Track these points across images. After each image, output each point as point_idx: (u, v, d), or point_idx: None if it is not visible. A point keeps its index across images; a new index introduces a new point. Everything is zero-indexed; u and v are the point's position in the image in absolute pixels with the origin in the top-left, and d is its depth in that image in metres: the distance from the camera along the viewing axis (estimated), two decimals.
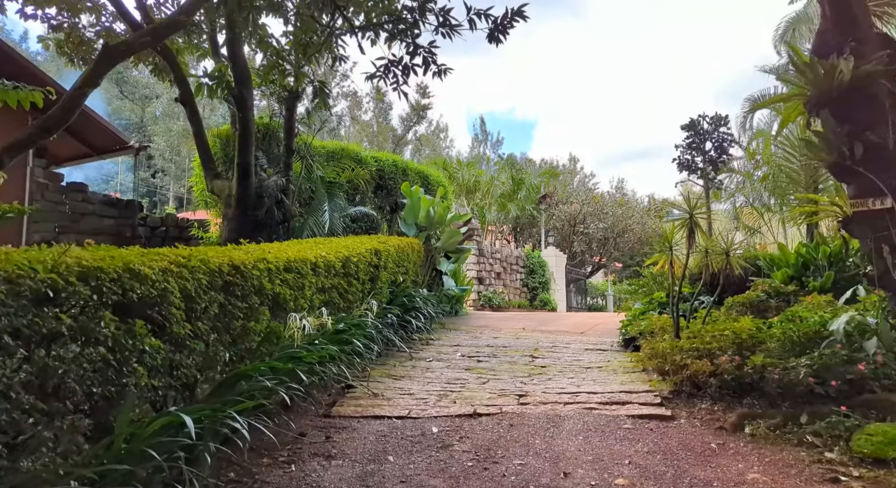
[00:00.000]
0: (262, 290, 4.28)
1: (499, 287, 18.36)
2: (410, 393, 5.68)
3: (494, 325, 10.89)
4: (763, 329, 5.19)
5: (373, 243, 7.74)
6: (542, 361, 7.22)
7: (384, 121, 49.62)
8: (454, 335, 9.40)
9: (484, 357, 7.49)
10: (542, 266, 20.79)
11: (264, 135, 10.10)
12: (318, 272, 5.51)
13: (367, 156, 12.44)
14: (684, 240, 5.64)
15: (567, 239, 25.97)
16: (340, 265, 6.14)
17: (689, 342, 5.18)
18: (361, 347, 5.77)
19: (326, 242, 6.98)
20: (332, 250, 6.19)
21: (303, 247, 5.83)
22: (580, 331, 9.89)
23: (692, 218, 5.44)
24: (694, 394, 4.98)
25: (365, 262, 6.96)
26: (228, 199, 8.83)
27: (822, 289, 6.35)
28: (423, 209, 11.80)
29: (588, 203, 26.05)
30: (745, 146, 12.35)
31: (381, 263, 7.78)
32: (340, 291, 6.31)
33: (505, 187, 22.12)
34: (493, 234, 26.31)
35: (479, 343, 8.53)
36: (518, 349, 8.02)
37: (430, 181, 14.08)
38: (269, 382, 3.84)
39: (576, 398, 5.20)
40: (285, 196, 9.24)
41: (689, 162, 8.95)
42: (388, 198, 13.09)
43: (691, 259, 5.76)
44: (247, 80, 8.57)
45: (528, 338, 9.23)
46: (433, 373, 6.59)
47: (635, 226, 26.50)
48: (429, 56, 6.06)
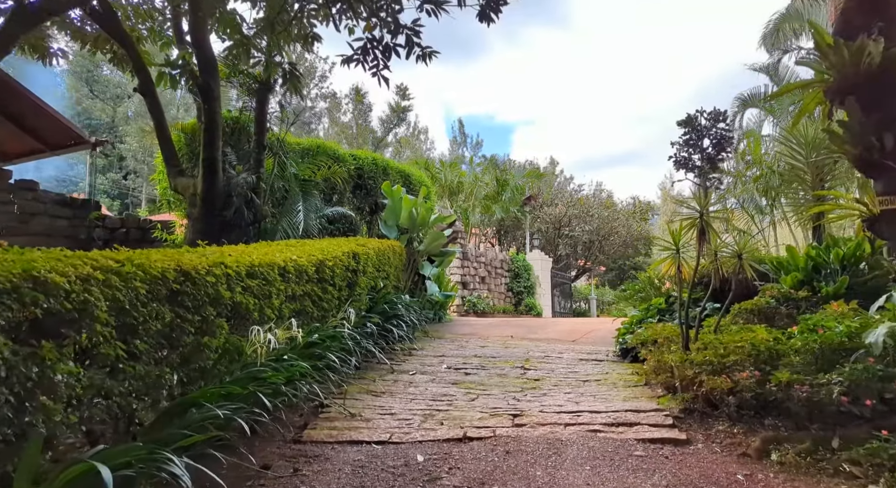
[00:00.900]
0: (219, 300, 3.72)
1: (483, 291, 17.88)
2: (392, 412, 5.14)
3: (481, 333, 10.39)
4: (782, 340, 4.75)
5: (350, 246, 7.20)
6: (535, 373, 6.72)
7: (364, 122, 49.25)
8: (439, 344, 8.88)
9: (472, 369, 6.98)
10: (527, 270, 20.37)
11: (233, 130, 9.49)
12: (287, 278, 4.96)
13: (345, 154, 11.87)
14: (693, 241, 5.19)
15: (552, 242, 25.59)
16: (314, 270, 5.58)
17: (702, 355, 4.72)
18: (337, 361, 5.23)
19: (299, 245, 6.42)
20: (304, 253, 5.64)
21: (271, 249, 5.27)
22: (572, 338, 9.43)
23: (703, 217, 5.00)
24: (708, 414, 4.52)
25: (342, 267, 6.42)
26: (193, 198, 8.22)
27: (836, 295, 5.95)
28: (404, 210, 11.27)
29: (573, 205, 25.71)
30: (735, 146, 12.07)
31: (360, 268, 7.23)
32: (314, 299, 5.76)
33: (489, 188, 21.66)
34: (478, 237, 25.85)
35: (466, 353, 8.02)
36: (508, 359, 7.52)
37: (411, 181, 13.56)
38: (227, 409, 3.28)
39: (577, 418, 4.70)
40: (256, 195, 8.65)
41: (685, 159, 8.57)
42: (368, 199, 12.53)
43: (701, 262, 5.31)
44: (213, 68, 7.97)
45: (517, 346, 8.74)
46: (417, 389, 6.06)
47: (621, 229, 26.22)
48: (412, 35, 5.53)
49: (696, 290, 7.71)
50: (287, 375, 4.05)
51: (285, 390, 4.00)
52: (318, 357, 5.09)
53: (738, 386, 4.22)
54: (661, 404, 4.89)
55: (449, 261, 12.67)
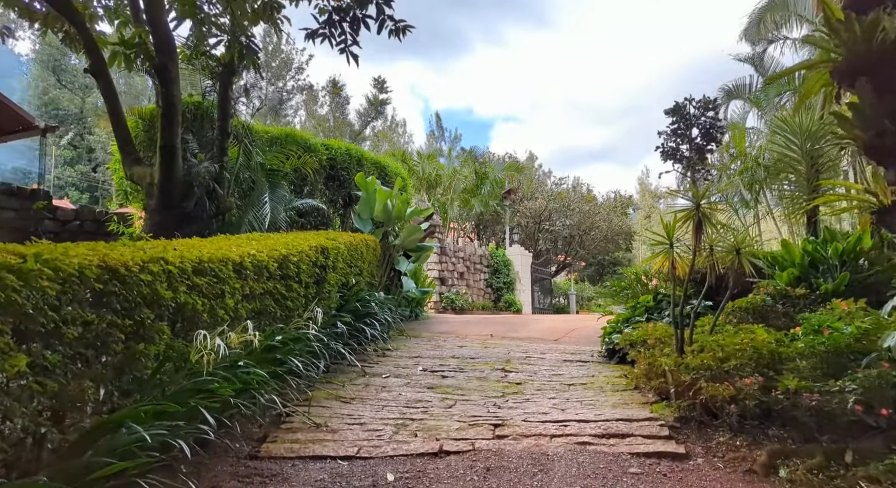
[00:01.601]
0: (159, 300, 3.25)
1: (462, 287, 17.50)
2: (361, 421, 4.72)
3: (459, 331, 10.00)
4: (784, 342, 4.43)
5: (319, 240, 6.74)
6: (517, 376, 6.35)
7: (341, 115, 48.88)
8: (414, 344, 8.46)
9: (449, 371, 6.58)
10: (506, 265, 20.03)
11: (195, 116, 8.92)
12: (244, 275, 4.49)
13: (316, 144, 11.35)
14: (689, 235, 4.85)
15: (532, 236, 25.31)
16: (276, 266, 5.12)
17: (699, 358, 4.38)
18: (300, 366, 4.78)
19: (262, 238, 5.95)
20: (266, 248, 5.17)
21: (228, 243, 4.80)
22: (554, 337, 9.09)
23: (700, 209, 4.65)
24: (706, 423, 4.18)
25: (308, 262, 5.96)
26: (150, 188, 7.66)
27: (835, 293, 5.67)
28: (379, 202, 10.81)
29: (554, 199, 25.43)
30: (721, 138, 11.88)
31: (330, 263, 6.78)
32: (277, 298, 5.29)
33: (468, 181, 21.25)
34: (456, 232, 25.45)
35: (443, 353, 7.62)
36: (487, 361, 7.14)
37: (387, 172, 13.09)
38: (161, 428, 2.83)
39: (565, 429, 4.32)
40: (219, 185, 8.12)
41: (673, 150, 8.26)
42: (341, 191, 12.03)
43: (694, 258, 4.97)
44: (170, 49, 7.41)
45: (497, 346, 8.37)
46: (390, 394, 5.64)
47: (602, 224, 26.03)
48: (383, 3, 5.07)
49: (688, 288, 7.41)
50: (239, 385, 3.59)
51: (237, 402, 3.55)
52: (279, 362, 4.63)
53: (740, 393, 3.87)
54: (655, 412, 4.54)
55: (426, 257, 12.25)
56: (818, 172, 7.72)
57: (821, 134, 7.62)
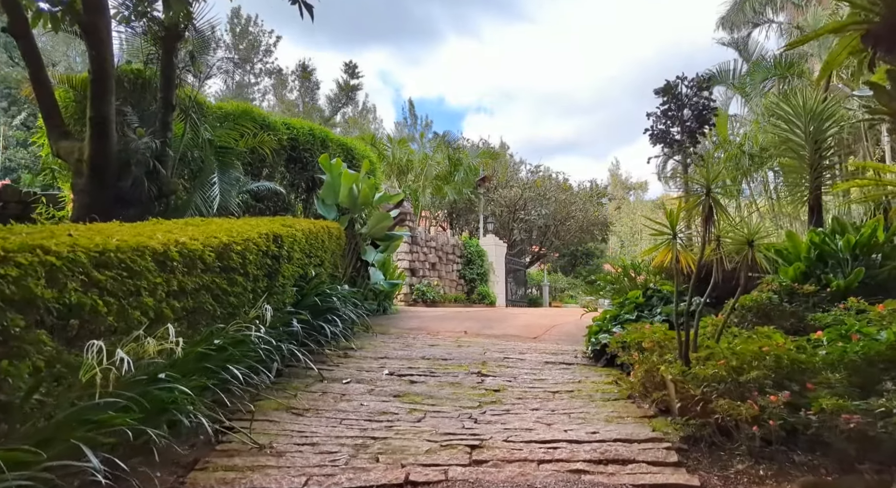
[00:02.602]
0: (33, 301, 2.50)
1: (433, 279, 16.83)
2: (313, 440, 4.03)
3: (430, 327, 9.34)
4: (807, 349, 3.86)
5: (272, 227, 5.98)
6: (494, 381, 5.72)
7: (311, 100, 48.15)
8: (381, 342, 7.78)
9: (418, 375, 5.92)
10: (480, 256, 19.42)
11: (136, 86, 8.00)
12: (170, 267, 3.73)
13: (276, 122, 10.50)
14: (696, 224, 4.25)
15: (506, 226, 24.74)
16: (214, 257, 4.37)
17: (709, 368, 3.79)
18: (240, 374, 4.06)
19: (203, 224, 5.18)
20: (204, 235, 4.41)
21: (153, 228, 4.04)
22: (532, 335, 8.49)
23: (710, 194, 4.04)
24: (719, 445, 3.59)
25: (257, 252, 5.21)
26: (79, 166, 6.79)
27: (849, 290, 5.15)
28: (344, 187, 10.04)
29: (530, 187, 24.87)
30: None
31: (284, 253, 6.03)
32: (217, 294, 4.55)
33: (440, 168, 20.51)
34: (428, 220, 24.74)
35: (413, 353, 6.95)
36: (461, 362, 6.49)
37: (354, 155, 12.29)
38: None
39: (554, 452, 3.69)
40: (162, 164, 7.28)
41: (663, 133, 7.69)
42: (304, 174, 11.22)
43: (696, 251, 4.38)
44: (99, 6, 6.53)
45: (471, 345, 7.73)
46: (350, 403, 4.95)
47: (578, 213, 25.59)
48: None
49: (679, 283, 6.86)
50: (149, 408, 2.86)
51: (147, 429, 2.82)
52: (213, 371, 3.91)
53: (764, 412, 3.28)
54: (657, 430, 3.94)
55: (395, 246, 11.54)
56: (822, 157, 7.24)
57: (825, 115, 7.13)
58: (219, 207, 7.70)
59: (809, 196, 7.13)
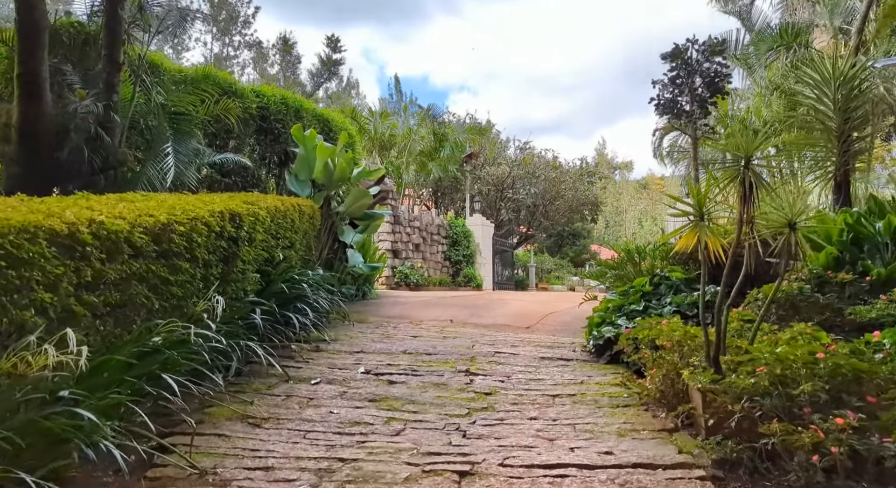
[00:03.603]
0: None
1: (417, 261, 16.16)
2: (268, 463, 3.37)
3: (413, 315, 8.69)
4: (865, 353, 3.25)
5: (229, 203, 5.25)
6: (485, 382, 5.09)
7: (292, 75, 47.45)
8: (359, 333, 7.12)
9: (399, 374, 5.27)
10: (466, 236, 18.76)
11: (76, 42, 7.11)
12: (80, 254, 3.01)
13: (244, 90, 9.65)
14: (730, 202, 3.62)
15: (494, 205, 24.05)
16: (148, 239, 3.64)
17: (745, 377, 3.17)
18: (173, 385, 3.37)
19: (142, 200, 4.43)
20: (135, 212, 3.68)
21: (66, 204, 3.30)
22: (525, 324, 7.87)
23: (750, 166, 3.39)
24: (764, 473, 2.98)
25: (207, 234, 4.49)
26: (7, 131, 5.98)
27: (890, 278, 4.56)
28: (319, 161, 9.28)
29: (518, 165, 24.13)
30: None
31: (243, 235, 5.31)
32: (154, 284, 3.83)
33: (425, 143, 19.67)
34: (412, 199, 23.98)
35: (393, 347, 6.30)
36: (447, 358, 5.85)
37: (332, 128, 11.48)
38: None
39: (562, 482, 3.06)
40: (107, 131, 6.48)
41: (671, 102, 7.02)
42: (276, 147, 10.42)
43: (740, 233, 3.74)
44: None
45: (458, 336, 7.10)
46: (318, 410, 4.30)
47: (567, 193, 24.95)
48: None
49: (689, 270, 6.26)
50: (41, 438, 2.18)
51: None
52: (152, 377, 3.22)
53: (828, 437, 2.67)
54: (684, 451, 3.33)
55: (376, 226, 10.82)
56: (852, 128, 6.63)
57: (856, 82, 6.50)
58: (175, 182, 6.92)
59: (837, 172, 6.53)
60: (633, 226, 57.01)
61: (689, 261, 6.43)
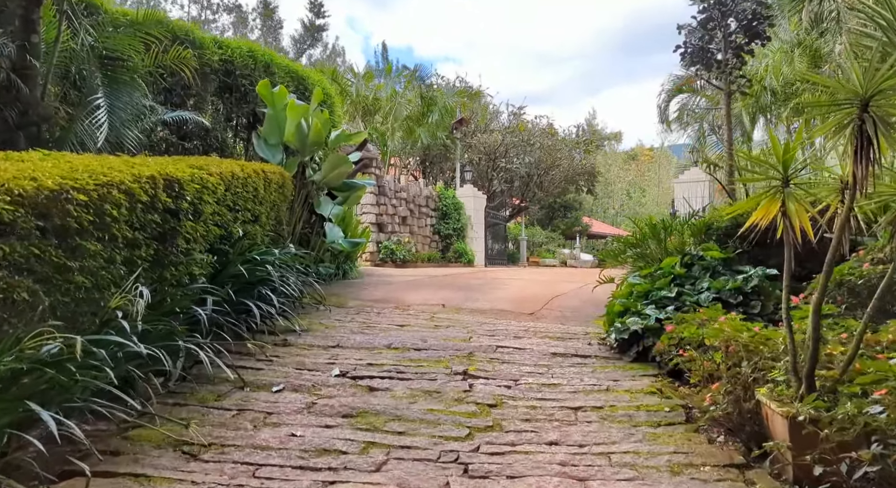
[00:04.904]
0: None
1: (404, 235, 15.19)
2: None
3: (399, 298, 7.78)
4: None
5: (166, 168, 4.25)
6: (487, 387, 4.20)
7: (274, 41, 46.41)
8: (336, 321, 6.20)
9: (381, 377, 4.37)
10: (457, 208, 17.78)
11: None
12: None
13: (204, 39, 8.51)
14: (834, 160, 2.71)
15: (485, 176, 23.01)
16: (26, 212, 2.66)
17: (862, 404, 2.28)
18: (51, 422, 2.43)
19: (31, 161, 3.42)
20: (5, 174, 2.70)
21: None
22: (528, 310, 6.98)
23: (869, 109, 2.46)
24: None
25: (128, 205, 3.50)
26: None
27: None
28: (291, 121, 8.24)
29: (512, 132, 23.01)
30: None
31: (185, 206, 4.33)
32: (44, 274, 2.86)
33: (412, 108, 18.51)
34: (398, 168, 22.89)
35: (375, 340, 5.39)
36: (440, 355, 4.95)
37: (308, 88, 10.35)
38: None
39: None
40: (24, 79, 5.41)
41: (701, 51, 6.03)
42: (243, 107, 9.32)
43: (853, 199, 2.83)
44: None
45: (452, 324, 6.20)
46: (276, 433, 3.39)
47: (563, 162, 23.92)
48: None
49: (723, 247, 5.36)
50: None
51: None
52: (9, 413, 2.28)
53: None
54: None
55: (357, 197, 9.83)
56: None
57: None
58: (114, 144, 5.87)
59: None
60: (622, 198, 56.36)
61: (708, 232, 5.55)
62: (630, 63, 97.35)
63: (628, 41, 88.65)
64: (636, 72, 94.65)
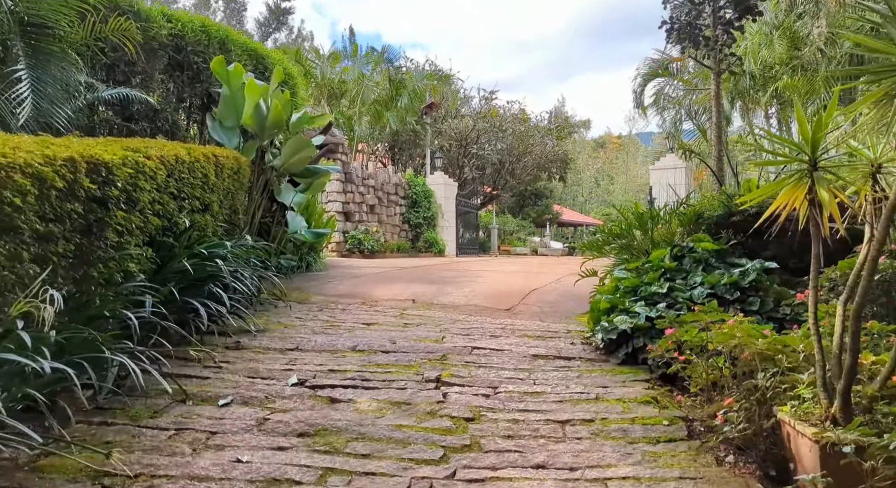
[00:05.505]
0: None
1: (372, 224, 14.67)
2: None
3: (366, 292, 7.31)
4: None
5: (94, 149, 3.71)
6: (463, 397, 3.77)
7: (237, 23, 45.27)
8: (296, 319, 5.71)
9: (344, 386, 3.91)
10: (427, 196, 17.30)
11: None
12: None
13: (150, 11, 7.85)
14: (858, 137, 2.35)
15: (456, 162, 22.52)
16: None
17: None
18: None
19: None
20: None
21: None
22: (504, 305, 6.57)
23: None
24: None
25: (37, 193, 2.97)
26: None
27: None
28: (249, 102, 7.65)
29: (484, 117, 22.53)
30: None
31: (115, 194, 3.79)
32: None
33: (380, 91, 17.88)
34: (366, 155, 22.26)
35: (339, 342, 4.92)
36: (410, 358, 4.51)
37: (267, 66, 9.73)
38: None
39: None
40: None
41: (688, 27, 5.67)
42: (196, 86, 8.68)
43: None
44: None
45: (423, 322, 5.77)
46: (218, 458, 2.91)
47: (536, 148, 23.57)
48: None
49: (715, 238, 5.03)
50: None
51: None
52: None
53: None
54: None
55: (321, 184, 9.29)
56: None
57: None
58: (42, 123, 5.25)
59: None
60: (591, 186, 56.50)
61: (699, 222, 5.21)
62: (600, 51, 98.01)
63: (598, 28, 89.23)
64: (606, 60, 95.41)
